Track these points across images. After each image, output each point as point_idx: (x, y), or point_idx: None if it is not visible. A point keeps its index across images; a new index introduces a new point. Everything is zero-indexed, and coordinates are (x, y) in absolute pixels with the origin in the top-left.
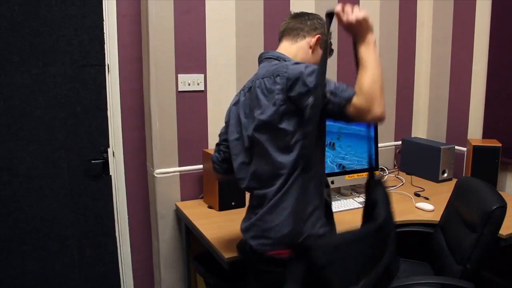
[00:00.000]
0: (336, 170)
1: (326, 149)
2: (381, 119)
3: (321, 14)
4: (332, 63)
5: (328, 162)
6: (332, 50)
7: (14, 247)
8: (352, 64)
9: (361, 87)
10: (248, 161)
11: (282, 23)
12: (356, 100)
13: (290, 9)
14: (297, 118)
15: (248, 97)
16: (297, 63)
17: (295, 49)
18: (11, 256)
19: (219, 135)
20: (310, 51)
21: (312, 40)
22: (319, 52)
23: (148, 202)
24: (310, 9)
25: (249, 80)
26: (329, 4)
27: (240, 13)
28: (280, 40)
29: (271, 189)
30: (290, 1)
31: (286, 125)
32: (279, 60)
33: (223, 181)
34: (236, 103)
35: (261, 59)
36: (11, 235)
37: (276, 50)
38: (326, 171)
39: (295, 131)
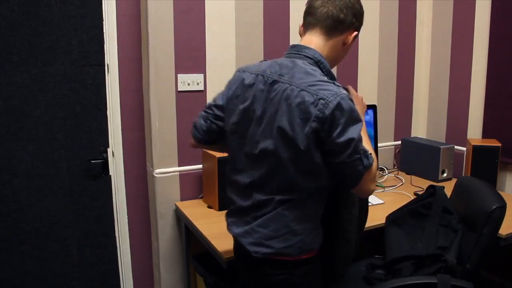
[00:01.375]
0: None
1: None
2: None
3: None
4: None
5: None
6: None
7: (14, 247)
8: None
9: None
10: (254, 157)
11: (316, 2)
12: (374, 167)
13: (290, 9)
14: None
15: (266, 94)
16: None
17: (328, 49)
18: (11, 256)
19: (214, 99)
20: (343, 48)
21: (349, 37)
22: (349, 48)
23: (148, 202)
24: None
25: (267, 64)
26: None
27: (239, 13)
28: (309, 25)
29: (278, 198)
30: (290, 1)
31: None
32: (315, 65)
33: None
34: (251, 85)
35: (293, 52)
36: (11, 235)
37: (307, 45)
38: None
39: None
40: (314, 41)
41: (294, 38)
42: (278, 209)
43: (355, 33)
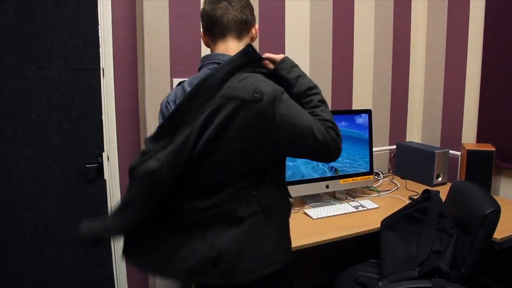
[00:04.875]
0: (329, 173)
1: None
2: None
3: (318, 14)
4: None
5: (320, 164)
6: None
7: (8, 251)
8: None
9: None
10: None
11: (215, 9)
12: None
13: (285, 10)
14: None
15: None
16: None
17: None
18: (5, 260)
19: None
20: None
21: (254, 32)
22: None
23: None
24: (305, 9)
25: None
26: (324, 4)
27: None
28: (219, 35)
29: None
30: (286, 2)
31: None
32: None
33: None
34: None
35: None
36: (5, 239)
37: (225, 53)
38: (320, 174)
39: None
40: (230, 47)
41: (292, 41)
42: None
43: (256, 26)
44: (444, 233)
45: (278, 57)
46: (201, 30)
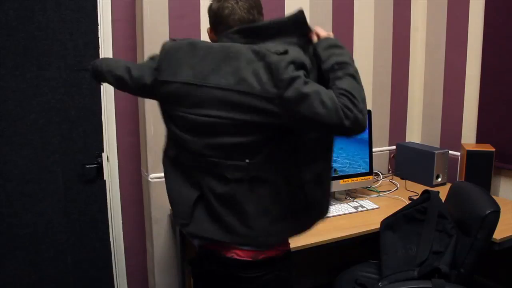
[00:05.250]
0: None
1: None
2: None
3: (318, 14)
4: None
5: None
6: None
7: (8, 252)
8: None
9: None
10: None
11: (222, 8)
12: None
13: (285, 10)
14: None
15: None
16: None
17: None
18: (5, 261)
19: None
20: None
21: None
22: None
23: (143, 206)
24: (304, 9)
25: None
26: (324, 4)
27: None
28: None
29: None
30: (285, 1)
31: None
32: None
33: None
34: None
35: None
36: (4, 240)
37: None
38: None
39: None
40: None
41: None
42: None
43: None
44: (444, 233)
45: (325, 33)
46: (208, 25)
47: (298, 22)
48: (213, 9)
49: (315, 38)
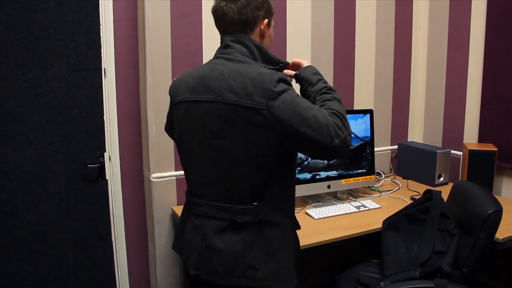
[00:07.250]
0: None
1: None
2: None
3: (320, 13)
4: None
5: (320, 163)
6: None
7: (10, 252)
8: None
9: None
10: None
11: (217, 9)
12: None
13: (286, 10)
14: None
15: None
16: None
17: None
18: (6, 261)
19: None
20: (262, 40)
21: (262, 28)
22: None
23: (145, 206)
24: (306, 8)
25: None
26: (326, 4)
27: None
28: (225, 33)
29: None
30: (287, 1)
31: None
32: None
33: None
34: None
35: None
36: (6, 239)
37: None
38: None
39: None
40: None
41: (293, 41)
42: None
43: (265, 21)
44: (446, 233)
45: (305, 61)
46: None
47: (279, 62)
48: (212, 9)
49: (291, 72)
